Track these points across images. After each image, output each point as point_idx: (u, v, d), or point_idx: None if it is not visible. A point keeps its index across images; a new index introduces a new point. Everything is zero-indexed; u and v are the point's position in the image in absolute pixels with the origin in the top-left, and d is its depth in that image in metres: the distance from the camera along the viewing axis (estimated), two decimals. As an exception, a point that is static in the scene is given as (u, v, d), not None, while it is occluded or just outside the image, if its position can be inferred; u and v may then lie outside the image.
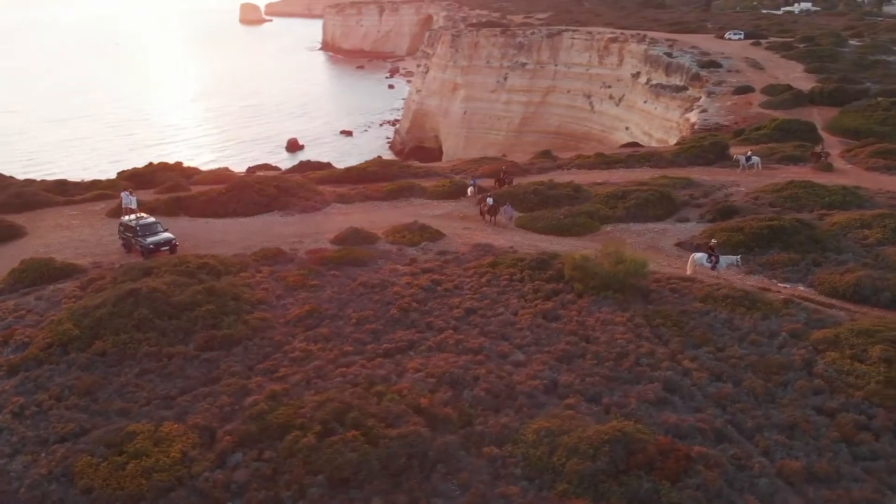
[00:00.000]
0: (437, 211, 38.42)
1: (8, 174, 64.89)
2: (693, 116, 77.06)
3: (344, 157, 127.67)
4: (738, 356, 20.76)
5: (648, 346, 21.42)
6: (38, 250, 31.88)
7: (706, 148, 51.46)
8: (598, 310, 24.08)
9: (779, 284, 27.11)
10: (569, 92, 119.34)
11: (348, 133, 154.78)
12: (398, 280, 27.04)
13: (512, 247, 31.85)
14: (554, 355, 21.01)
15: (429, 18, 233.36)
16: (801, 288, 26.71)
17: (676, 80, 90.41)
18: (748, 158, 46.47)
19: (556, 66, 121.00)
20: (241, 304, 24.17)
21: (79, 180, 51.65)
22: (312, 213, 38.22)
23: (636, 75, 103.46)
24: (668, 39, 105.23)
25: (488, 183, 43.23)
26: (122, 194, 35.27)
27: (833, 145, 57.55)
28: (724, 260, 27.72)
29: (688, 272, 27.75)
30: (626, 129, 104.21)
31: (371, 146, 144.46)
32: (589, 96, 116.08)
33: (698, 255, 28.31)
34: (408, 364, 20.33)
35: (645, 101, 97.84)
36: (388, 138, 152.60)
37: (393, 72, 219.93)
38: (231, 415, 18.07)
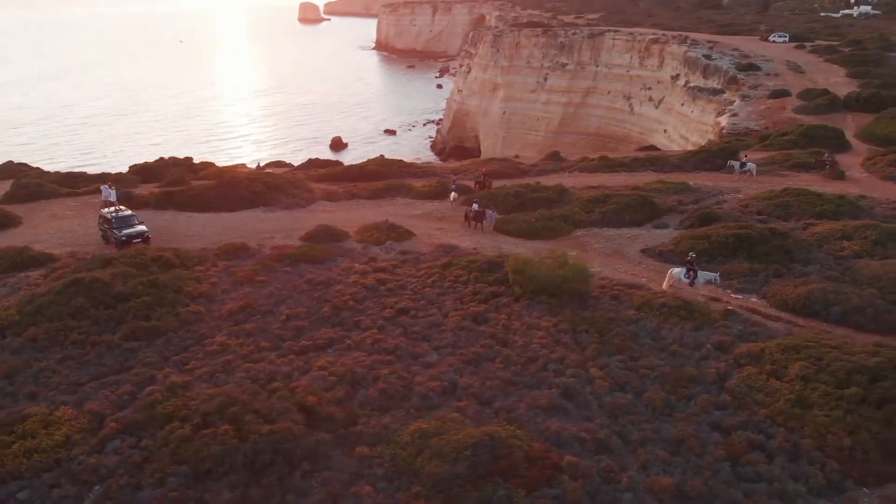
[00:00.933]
0: (417, 210, 38.53)
1: (65, 167, 67.66)
2: (723, 120, 74.98)
3: (386, 155, 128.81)
4: (651, 366, 20.22)
5: (562, 351, 21.09)
6: (25, 240, 33.32)
7: (714, 153, 50.05)
8: (529, 314, 23.80)
9: (731, 295, 26.22)
10: (609, 93, 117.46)
11: (392, 132, 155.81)
12: (346, 278, 27.29)
13: (476, 248, 31.71)
14: (464, 357, 20.91)
15: (481, 18, 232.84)
16: (754, 299, 25.77)
17: (714, 83, 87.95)
18: (742, 164, 45.09)
19: (596, 66, 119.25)
20: (180, 296, 24.81)
21: (99, 173, 53.56)
22: (295, 209, 38.83)
23: (675, 77, 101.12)
24: (709, 41, 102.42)
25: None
26: (102, 187, 36.67)
27: (860, 153, 55.19)
28: (703, 276, 26.03)
29: (664, 286, 26.38)
30: (665, 131, 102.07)
31: (413, 145, 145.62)
32: (629, 98, 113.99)
33: (676, 270, 26.57)
34: (315, 362, 20.54)
35: (682, 104, 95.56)
36: (430, 137, 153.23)
37: (443, 71, 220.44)
38: (128, 403, 18.62)
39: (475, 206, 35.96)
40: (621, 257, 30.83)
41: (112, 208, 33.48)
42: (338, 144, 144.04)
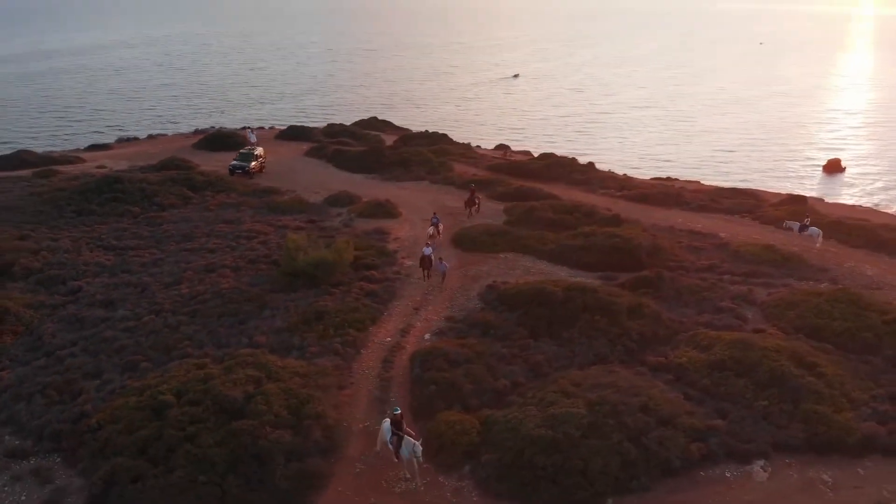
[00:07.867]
0: (457, 204, 39.28)
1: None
2: None
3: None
4: (189, 336, 23.14)
5: (173, 301, 25.37)
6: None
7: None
8: (246, 281, 27.26)
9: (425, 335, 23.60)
10: None
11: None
12: (254, 224, 34.51)
13: (397, 238, 33.67)
14: (164, 286, 27.16)
15: None
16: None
17: None
18: (802, 227, 33.40)
19: None
20: (146, 203, 36.60)
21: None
22: (388, 182, 44.43)
23: None
24: None
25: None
26: (247, 130, 49.18)
27: None
28: (407, 446, 17.25)
29: (377, 445, 18.22)
30: None
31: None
32: None
33: (386, 424, 17.98)
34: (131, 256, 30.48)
35: None
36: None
37: None
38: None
39: (426, 250, 28.44)
40: (473, 282, 28.46)
41: (249, 147, 45.77)
42: (833, 167, 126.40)
